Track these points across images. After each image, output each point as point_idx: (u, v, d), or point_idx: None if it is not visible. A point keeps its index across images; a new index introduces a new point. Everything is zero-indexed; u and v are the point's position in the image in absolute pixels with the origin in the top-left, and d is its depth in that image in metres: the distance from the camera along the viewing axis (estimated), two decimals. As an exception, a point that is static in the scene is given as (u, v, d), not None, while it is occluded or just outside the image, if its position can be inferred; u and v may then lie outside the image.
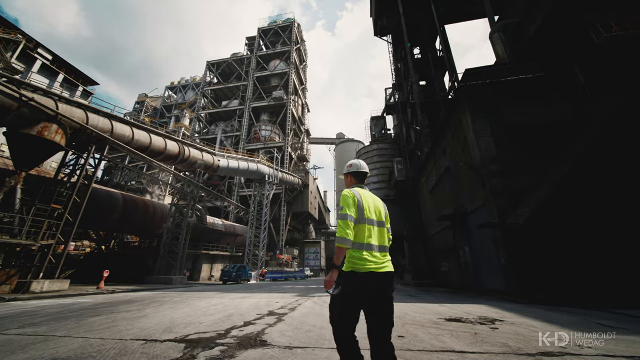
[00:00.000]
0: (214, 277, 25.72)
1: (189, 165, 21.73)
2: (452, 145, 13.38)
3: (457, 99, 11.78)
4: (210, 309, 6.25)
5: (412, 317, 4.91)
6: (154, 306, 6.76)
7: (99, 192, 17.38)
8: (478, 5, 26.14)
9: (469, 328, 3.93)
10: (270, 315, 5.29)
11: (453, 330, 3.82)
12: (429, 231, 18.96)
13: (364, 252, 1.80)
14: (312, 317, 4.98)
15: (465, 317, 4.76)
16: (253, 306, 6.64)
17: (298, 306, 6.60)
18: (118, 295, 10.43)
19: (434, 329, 3.92)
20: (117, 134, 15.04)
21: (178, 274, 19.07)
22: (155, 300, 8.16)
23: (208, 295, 9.82)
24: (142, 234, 22.90)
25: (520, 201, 8.94)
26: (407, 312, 5.45)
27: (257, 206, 30.92)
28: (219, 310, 5.92)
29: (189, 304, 7.27)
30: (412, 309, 5.99)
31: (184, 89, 74.39)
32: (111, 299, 8.63)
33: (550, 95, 10.54)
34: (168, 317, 5.10)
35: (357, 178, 2.18)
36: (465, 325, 4.15)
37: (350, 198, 1.90)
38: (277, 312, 5.59)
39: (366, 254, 1.79)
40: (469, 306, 6.37)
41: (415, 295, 9.48)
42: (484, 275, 10.72)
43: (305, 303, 7.18)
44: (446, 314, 5.25)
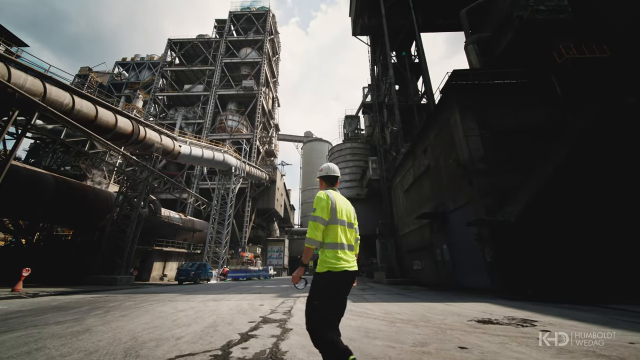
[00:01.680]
0: (167, 277, 22.85)
1: (143, 149, 18.89)
2: (434, 144, 13.46)
3: (446, 97, 11.80)
4: (180, 316, 4.89)
5: (439, 320, 4.27)
6: (98, 315, 5.13)
7: (21, 171, 13.94)
8: (453, 20, 27.65)
9: (520, 332, 3.38)
10: (266, 322, 4.20)
11: (507, 335, 3.22)
12: (401, 230, 19.15)
13: (339, 251, 1.90)
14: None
15: (495, 319, 4.27)
16: (236, 311, 5.43)
17: (291, 309, 5.57)
18: (43, 299, 8.15)
19: (485, 335, 3.28)
20: (52, 99, 12.15)
21: (124, 273, 16.30)
22: (97, 307, 6.36)
23: (169, 298, 8.16)
24: (78, 225, 19.22)
25: (506, 200, 9.09)
26: (425, 314, 4.81)
27: (220, 200, 28.52)
28: (194, 318, 4.62)
29: (148, 310, 5.73)
30: (426, 309, 5.39)
31: (139, 67, 66.28)
32: (33, 306, 6.55)
33: (531, 102, 11.07)
34: (125, 330, 3.70)
35: (328, 181, 2.25)
36: (508, 328, 3.61)
37: (324, 201, 1.97)
38: (273, 319, 4.51)
39: (340, 253, 1.90)
40: (473, 305, 6.01)
41: (404, 295, 9.06)
42: (464, 273, 10.81)
43: (298, 305, 6.15)
44: (465, 314, 4.73)
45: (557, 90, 11.00)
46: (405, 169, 18.18)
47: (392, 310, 5.34)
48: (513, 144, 10.26)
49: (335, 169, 2.27)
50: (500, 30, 18.88)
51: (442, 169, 12.69)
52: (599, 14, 15.76)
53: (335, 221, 1.96)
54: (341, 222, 1.99)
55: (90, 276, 15.82)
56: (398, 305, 6.15)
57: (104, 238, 16.91)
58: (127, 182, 18.51)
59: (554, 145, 9.64)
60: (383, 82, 26.21)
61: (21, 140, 11.17)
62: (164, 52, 50.60)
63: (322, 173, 2.28)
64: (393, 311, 5.18)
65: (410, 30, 25.93)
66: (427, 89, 25.40)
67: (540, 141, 10.19)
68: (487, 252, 9.12)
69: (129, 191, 18.46)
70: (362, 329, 3.65)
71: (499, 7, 19.55)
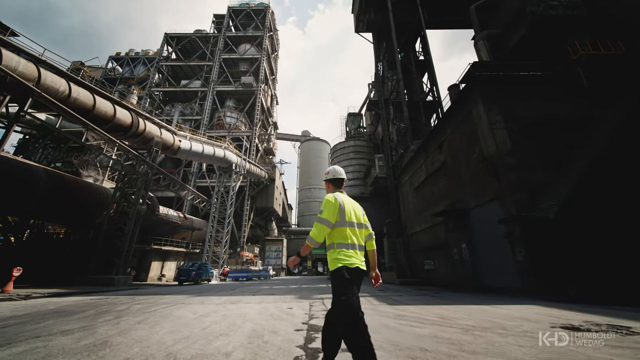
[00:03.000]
0: (165, 277, 21.91)
1: (142, 142, 17.98)
2: (452, 139, 12.99)
3: (468, 89, 11.32)
4: (207, 322, 4.21)
5: (516, 326, 3.69)
6: (109, 321, 4.41)
7: (11, 163, 12.95)
8: (459, 17, 27.37)
9: (636, 343, 2.82)
10: (316, 330, 3.57)
11: (631, 347, 2.66)
12: (410, 229, 18.66)
13: (350, 250, 2.00)
14: (388, 331, 3.42)
15: (578, 325, 3.71)
16: (267, 316, 4.77)
17: (328, 314, 4.94)
18: (37, 302, 7.33)
19: (607, 347, 2.71)
20: (47, 85, 11.25)
21: (121, 273, 15.38)
22: (103, 311, 5.62)
23: (179, 301, 7.43)
24: (72, 222, 18.18)
25: (540, 195, 8.64)
26: (491, 320, 4.23)
27: (220, 198, 27.65)
28: (226, 326, 3.95)
29: (164, 314, 5.03)
30: (481, 313, 4.81)
31: (133, 62, 64.52)
32: (27, 309, 5.77)
33: (556, 94, 10.67)
34: (152, 342, 3.02)
35: (335, 184, 2.31)
36: (614, 337, 3.05)
37: (332, 204, 2.05)
38: (319, 325, 3.88)
39: (352, 252, 2.00)
40: (522, 307, 5.46)
41: (433, 296, 8.50)
42: (488, 273, 10.33)
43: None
44: (533, 318, 4.18)
45: (583, 82, 10.62)
46: (415, 166, 17.70)
47: (445, 314, 4.76)
48: (540, 137, 9.82)
49: (342, 172, 2.33)
50: (511, 26, 18.53)
51: (460, 164, 12.22)
52: (609, 11, 15.56)
53: (344, 223, 2.03)
54: (350, 224, 2.06)
55: (84, 276, 14.88)
56: (444, 308, 5.57)
57: (100, 236, 15.97)
58: (125, 177, 17.56)
59: (584, 138, 9.24)
60: (389, 78, 25.74)
61: (12, 128, 10.25)
62: (160, 46, 49.33)
63: (328, 176, 2.34)
64: (447, 315, 4.59)
65: (417, 26, 25.55)
66: (432, 85, 25.07)
67: (567, 134, 9.79)
68: (518, 251, 8.63)
69: (127, 187, 17.53)
70: (442, 339, 3.06)
71: (510, 3, 19.24)
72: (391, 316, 4.62)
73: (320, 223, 1.98)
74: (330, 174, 2.32)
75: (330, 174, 2.32)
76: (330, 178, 2.32)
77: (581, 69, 10.75)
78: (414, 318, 4.38)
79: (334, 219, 2.00)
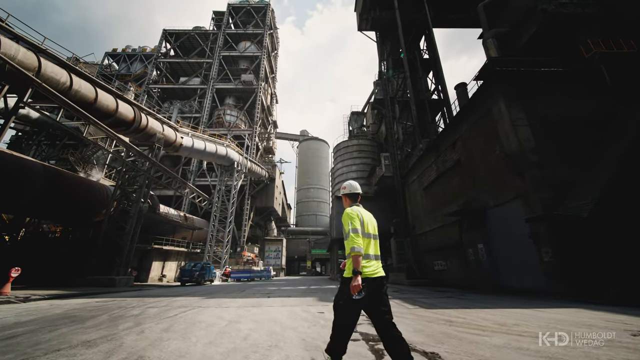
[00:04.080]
0: (165, 278, 21.29)
1: (144, 138, 17.39)
2: (467, 137, 12.71)
3: (486, 86, 11.04)
4: (243, 330, 3.79)
5: (596, 336, 3.34)
6: (131, 329, 3.96)
7: (7, 157, 12.31)
8: (465, 15, 27.23)
9: None
10: (369, 339, 3.17)
11: None
12: (418, 229, 18.37)
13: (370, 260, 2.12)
14: (456, 342, 3.04)
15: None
16: (301, 320, 4.35)
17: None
18: (39, 305, 6.80)
19: None
20: (48, 76, 10.67)
21: (123, 274, 14.79)
22: (118, 315, 5.15)
23: (194, 304, 6.97)
24: (70, 221, 17.50)
25: (567, 194, 8.36)
26: (555, 327, 3.88)
27: (221, 197, 27.08)
28: (268, 334, 3.53)
29: (188, 320, 4.59)
30: (534, 318, 4.47)
31: (130, 58, 63.25)
32: (32, 314, 5.27)
33: (578, 91, 10.44)
34: (196, 357, 2.59)
35: (352, 198, 2.46)
36: None
37: (355, 215, 2.21)
38: (371, 333, 3.48)
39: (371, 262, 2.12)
40: (566, 310, 5.13)
41: (461, 298, 8.16)
42: (508, 274, 10.03)
43: None
44: (597, 324, 3.84)
45: (605, 80, 10.41)
46: (425, 164, 17.41)
47: (497, 319, 4.40)
48: (563, 135, 9.57)
49: (358, 187, 2.48)
50: (521, 25, 18.36)
51: (477, 162, 11.94)
52: (618, 10, 15.48)
53: (364, 235, 2.16)
54: (367, 235, 2.19)
55: (83, 277, 14.27)
56: (487, 312, 5.22)
57: (100, 235, 15.35)
58: (126, 174, 16.95)
59: (611, 138, 9.01)
60: (394, 77, 25.47)
61: (11, 120, 9.66)
62: (158, 43, 48.50)
63: (346, 191, 2.48)
64: (502, 321, 4.23)
65: (422, 24, 25.33)
66: (438, 84, 24.87)
67: (591, 132, 9.56)
68: (545, 251, 8.34)
69: (128, 184, 16.91)
70: (531, 352, 2.69)
71: (519, 1, 19.08)
72: (439, 322, 4.25)
73: (354, 233, 2.10)
74: (348, 189, 2.47)
75: (348, 188, 2.47)
76: (348, 193, 2.46)
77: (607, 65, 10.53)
78: (467, 324, 4.02)
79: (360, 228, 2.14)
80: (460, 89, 23.21)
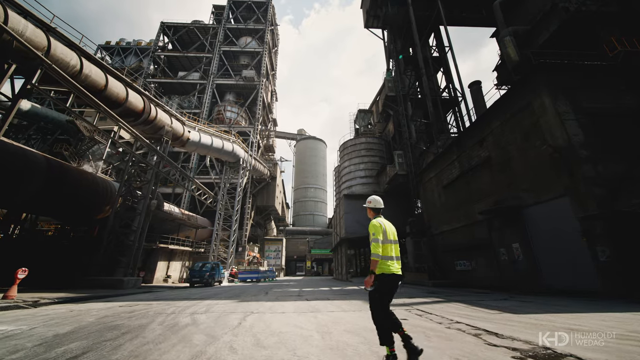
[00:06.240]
0: (170, 279, 20.25)
1: (153, 131, 16.40)
2: (499, 133, 12.31)
3: (527, 79, 10.64)
4: (351, 344, 3.12)
5: None
6: (211, 343, 3.24)
7: (7, 147, 11.22)
8: (477, 14, 27.10)
9: None
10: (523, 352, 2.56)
11: None
12: (437, 228, 17.95)
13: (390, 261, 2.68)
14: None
15: None
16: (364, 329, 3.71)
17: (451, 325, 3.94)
18: (54, 311, 5.93)
19: None
20: (57, 57, 9.70)
21: (131, 274, 13.80)
22: (168, 324, 4.39)
23: (237, 308, 6.22)
24: (72, 217, 16.31)
25: (620, 190, 7.99)
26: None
27: (226, 194, 26.12)
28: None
29: (267, 329, 3.88)
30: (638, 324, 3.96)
31: (124, 52, 61.27)
32: (57, 322, 4.44)
33: (620, 86, 10.15)
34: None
35: (376, 211, 3.00)
36: None
37: (379, 227, 2.74)
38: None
39: (391, 263, 2.68)
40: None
41: (523, 301, 7.65)
42: (552, 274, 9.62)
43: (427, 315, 4.52)
44: None
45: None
46: (445, 162, 16.99)
47: (601, 325, 3.87)
48: (610, 129, 9.23)
49: (381, 202, 3.05)
50: (540, 22, 18.17)
51: (512, 159, 11.53)
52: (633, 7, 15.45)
53: (387, 241, 2.73)
54: (389, 242, 2.75)
55: (87, 278, 13.26)
56: (575, 316, 4.70)
57: (105, 233, 14.31)
58: (132, 168, 15.93)
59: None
60: (406, 75, 25.09)
61: (18, 103, 8.67)
62: (155, 36, 46.85)
63: (370, 205, 3.01)
64: (618, 327, 3.70)
65: (435, 21, 25.06)
66: (448, 82, 24.63)
67: (638, 127, 9.26)
68: (600, 251, 7.94)
69: (134, 179, 15.89)
70: None
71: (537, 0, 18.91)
72: (582, 332, 3.69)
73: (376, 242, 2.64)
74: (372, 204, 2.99)
75: (373, 203, 2.99)
76: (373, 207, 2.98)
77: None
78: (611, 334, 3.46)
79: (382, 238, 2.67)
80: (474, 87, 23.02)
